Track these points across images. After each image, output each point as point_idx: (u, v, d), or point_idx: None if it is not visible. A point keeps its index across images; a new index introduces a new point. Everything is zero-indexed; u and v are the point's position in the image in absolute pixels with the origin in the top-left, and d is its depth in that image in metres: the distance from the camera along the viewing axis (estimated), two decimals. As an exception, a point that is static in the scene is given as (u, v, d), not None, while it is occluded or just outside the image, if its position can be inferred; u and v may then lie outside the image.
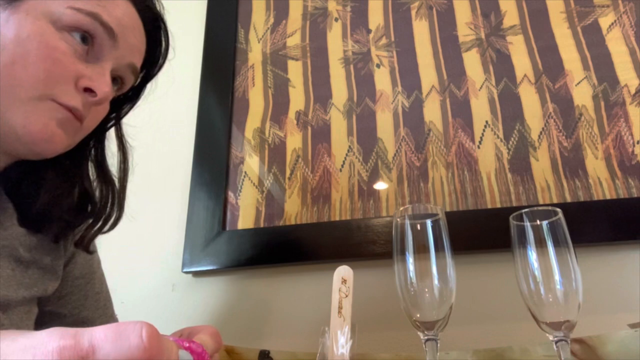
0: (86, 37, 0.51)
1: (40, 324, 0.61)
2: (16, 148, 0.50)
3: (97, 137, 0.62)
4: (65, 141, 0.52)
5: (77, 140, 0.56)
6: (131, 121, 0.69)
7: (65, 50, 0.49)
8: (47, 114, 0.49)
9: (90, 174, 0.61)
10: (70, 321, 0.63)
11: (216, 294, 0.95)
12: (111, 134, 0.64)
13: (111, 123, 0.63)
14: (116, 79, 0.57)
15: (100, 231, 0.61)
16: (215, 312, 0.93)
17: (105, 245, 0.72)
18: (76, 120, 0.52)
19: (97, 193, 0.61)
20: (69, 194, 0.58)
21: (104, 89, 0.52)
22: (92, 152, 0.62)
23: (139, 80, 0.63)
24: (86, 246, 0.61)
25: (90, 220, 0.60)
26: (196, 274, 0.97)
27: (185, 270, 0.95)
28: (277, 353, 0.78)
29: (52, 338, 0.29)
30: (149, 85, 0.66)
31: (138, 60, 0.59)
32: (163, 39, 0.64)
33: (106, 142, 0.64)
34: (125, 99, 0.64)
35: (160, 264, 0.99)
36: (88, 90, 0.51)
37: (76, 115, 0.51)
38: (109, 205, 0.61)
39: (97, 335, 0.29)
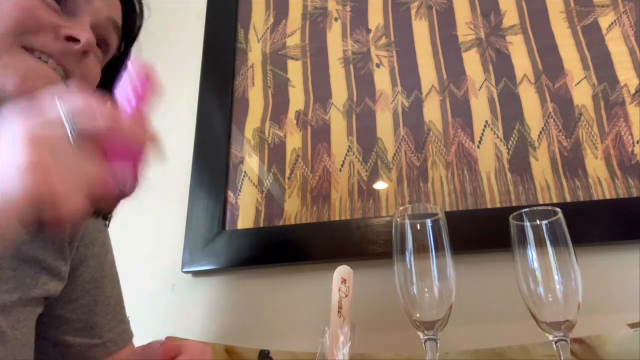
0: None
1: (50, 327, 0.60)
2: None
3: None
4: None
5: None
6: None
7: (39, 2, 0.50)
8: (23, 66, 0.48)
9: None
10: (80, 327, 0.63)
11: (216, 294, 0.95)
12: None
13: None
14: (100, 42, 0.57)
15: (117, 201, 0.63)
16: (215, 312, 0.93)
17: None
18: (54, 74, 0.51)
19: None
20: None
21: (87, 35, 0.52)
22: None
23: (123, 47, 0.63)
24: (105, 217, 0.63)
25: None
26: (196, 274, 0.97)
27: (185, 270, 0.95)
28: (277, 353, 0.78)
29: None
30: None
31: (117, 15, 0.59)
32: (136, 1, 0.64)
33: None
34: (115, 69, 0.64)
35: (160, 264, 0.99)
36: (71, 40, 0.51)
37: (59, 64, 0.51)
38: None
39: None
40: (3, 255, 0.52)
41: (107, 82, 0.61)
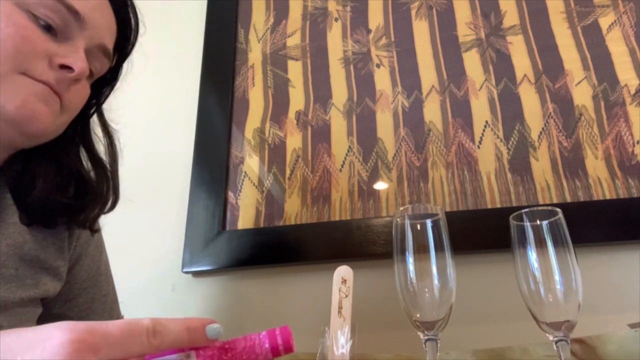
0: (51, 25, 0.52)
1: None
2: (6, 132, 0.50)
3: (82, 123, 0.63)
4: (50, 117, 0.52)
5: (65, 122, 0.56)
6: (132, 121, 0.69)
7: (34, 29, 0.50)
8: (24, 89, 0.49)
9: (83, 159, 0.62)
10: None
11: (216, 294, 0.95)
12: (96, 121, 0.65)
13: (93, 109, 0.64)
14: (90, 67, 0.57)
15: (101, 212, 0.62)
16: (215, 312, 0.93)
17: (106, 245, 0.72)
18: (54, 94, 0.52)
19: (92, 177, 0.62)
20: (65, 183, 0.58)
21: (80, 64, 0.52)
22: (80, 138, 0.63)
23: (114, 61, 0.63)
24: (90, 227, 0.62)
25: (91, 203, 0.61)
26: (196, 274, 0.97)
27: (185, 270, 0.95)
28: (277, 353, 0.78)
29: (62, 331, 0.29)
30: (127, 66, 0.66)
31: (109, 41, 0.59)
32: (132, 16, 0.64)
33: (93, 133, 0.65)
34: (104, 82, 0.64)
35: (160, 264, 0.99)
36: (64, 67, 0.52)
37: (53, 90, 0.52)
38: (104, 187, 0.62)
39: (109, 330, 0.30)
40: (6, 254, 0.52)
41: (94, 95, 0.62)
